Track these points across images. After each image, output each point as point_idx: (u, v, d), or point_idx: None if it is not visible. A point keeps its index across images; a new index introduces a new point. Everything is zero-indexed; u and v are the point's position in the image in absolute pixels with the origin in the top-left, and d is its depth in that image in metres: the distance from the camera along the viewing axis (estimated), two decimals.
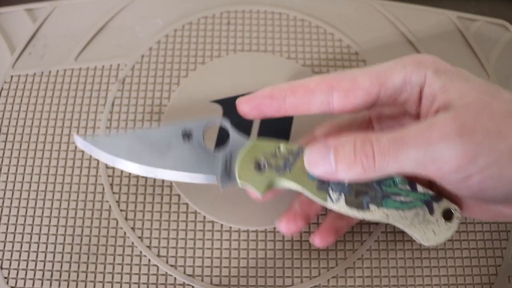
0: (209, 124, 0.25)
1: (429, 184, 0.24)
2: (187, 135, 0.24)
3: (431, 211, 0.23)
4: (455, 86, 0.21)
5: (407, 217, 0.23)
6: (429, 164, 0.20)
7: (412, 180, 0.23)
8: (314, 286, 0.28)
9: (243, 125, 0.31)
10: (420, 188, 0.23)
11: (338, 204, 0.23)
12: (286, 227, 0.25)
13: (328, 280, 0.28)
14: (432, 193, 0.23)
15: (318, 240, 0.26)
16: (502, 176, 0.20)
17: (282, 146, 0.23)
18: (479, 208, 0.24)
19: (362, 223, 0.29)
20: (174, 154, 0.24)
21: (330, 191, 0.23)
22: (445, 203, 0.23)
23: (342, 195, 0.23)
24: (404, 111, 0.25)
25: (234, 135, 0.24)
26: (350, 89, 0.23)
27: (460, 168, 0.20)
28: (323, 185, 0.23)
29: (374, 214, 0.23)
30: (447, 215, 0.23)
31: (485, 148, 0.19)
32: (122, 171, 0.30)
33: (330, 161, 0.21)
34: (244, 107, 0.24)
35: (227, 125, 0.25)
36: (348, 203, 0.23)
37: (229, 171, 0.24)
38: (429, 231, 0.23)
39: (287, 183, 0.23)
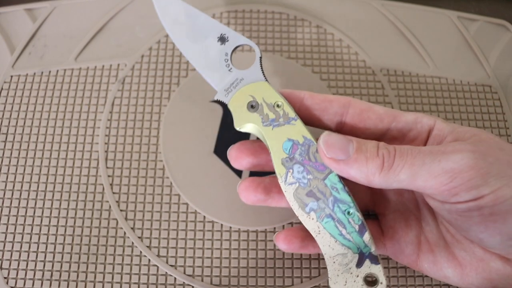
0: (244, 44, 0.25)
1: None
2: (222, 39, 0.25)
3: (359, 265, 0.22)
4: (465, 130, 0.22)
5: (333, 249, 0.22)
6: (441, 176, 0.20)
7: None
8: (314, 286, 0.28)
9: None
10: (366, 237, 0.22)
11: (286, 188, 0.22)
12: (245, 193, 0.25)
13: (328, 280, 0.28)
14: (373, 251, 0.22)
15: (281, 241, 0.25)
16: None
17: (284, 105, 0.23)
18: (470, 257, 0.24)
19: None
20: (203, 46, 0.25)
21: (290, 172, 0.22)
22: (377, 270, 0.22)
23: (297, 184, 0.22)
24: None
25: (256, 67, 0.24)
26: (365, 109, 0.24)
27: (472, 182, 0.20)
28: (289, 163, 0.22)
29: (309, 222, 0.22)
30: (370, 282, 0.22)
31: (496, 170, 0.20)
32: (122, 172, 0.30)
33: (348, 149, 0.21)
34: None
35: (258, 57, 0.24)
36: (295, 194, 0.22)
37: (228, 92, 0.24)
38: (342, 278, 0.22)
39: (260, 136, 0.23)
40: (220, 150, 0.31)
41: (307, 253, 0.26)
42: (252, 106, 0.23)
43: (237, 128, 0.24)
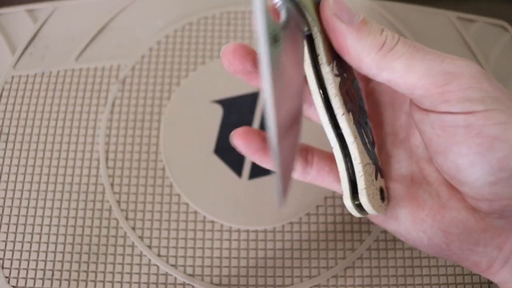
0: None
1: None
2: None
3: (376, 177, 0.21)
4: None
5: (364, 157, 0.20)
6: (438, 76, 0.18)
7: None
8: (314, 286, 0.28)
9: (243, 123, 0.31)
10: (376, 150, 0.21)
11: (333, 79, 0.20)
12: (231, 56, 0.21)
13: (328, 279, 0.28)
14: (380, 165, 0.21)
15: (240, 138, 0.22)
16: (508, 130, 0.18)
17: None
18: (432, 201, 0.21)
19: (361, 222, 0.29)
20: None
21: (335, 63, 0.20)
22: (383, 184, 0.21)
23: (339, 78, 0.20)
24: None
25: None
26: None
27: (468, 92, 0.18)
28: (334, 52, 0.20)
29: (349, 122, 0.20)
30: (381, 196, 0.21)
31: (497, 93, 0.18)
32: (122, 172, 0.30)
33: (354, 16, 0.19)
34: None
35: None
36: (341, 88, 0.20)
37: None
38: (371, 190, 0.20)
39: (310, 10, 0.20)
40: (220, 150, 0.31)
41: (262, 163, 0.22)
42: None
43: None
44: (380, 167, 0.21)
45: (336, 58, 0.20)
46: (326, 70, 0.20)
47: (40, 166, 0.31)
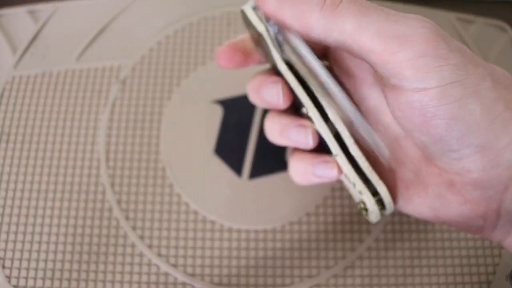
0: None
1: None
2: None
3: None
4: None
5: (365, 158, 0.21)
6: (389, 39, 0.17)
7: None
8: (314, 285, 0.28)
9: (243, 123, 0.32)
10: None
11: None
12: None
13: (328, 279, 0.28)
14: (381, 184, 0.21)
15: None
16: (463, 107, 0.17)
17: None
18: (414, 178, 0.20)
19: (361, 222, 0.29)
20: None
21: None
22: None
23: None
24: None
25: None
26: None
27: (422, 61, 0.16)
28: None
29: (340, 124, 0.21)
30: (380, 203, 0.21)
31: (456, 60, 0.17)
32: (122, 172, 0.31)
33: None
34: None
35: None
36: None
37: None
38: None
39: None
40: (220, 150, 0.31)
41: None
42: None
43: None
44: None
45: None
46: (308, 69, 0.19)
47: (40, 166, 0.31)
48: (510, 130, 0.17)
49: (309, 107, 0.21)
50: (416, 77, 0.16)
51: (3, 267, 0.28)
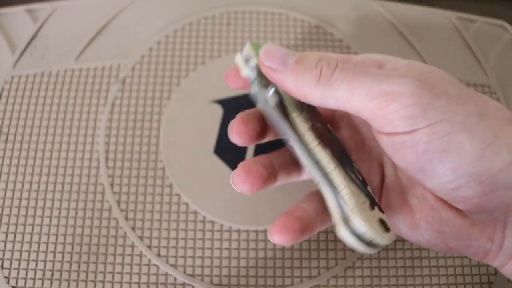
0: None
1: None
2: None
3: (372, 207, 0.20)
4: (422, 65, 0.21)
5: (347, 183, 0.20)
6: (378, 98, 0.19)
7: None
8: (314, 286, 0.28)
9: None
10: (369, 188, 0.21)
11: (301, 123, 0.21)
12: (243, 184, 0.22)
13: (328, 279, 0.28)
14: (377, 201, 0.21)
15: (276, 235, 0.21)
16: (452, 141, 0.18)
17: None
18: (421, 204, 0.21)
19: None
20: None
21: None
22: (385, 216, 0.20)
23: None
24: None
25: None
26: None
27: (410, 110, 0.18)
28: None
29: (320, 152, 0.21)
30: (384, 226, 0.20)
31: (441, 103, 0.18)
32: (122, 172, 0.30)
33: (287, 60, 0.21)
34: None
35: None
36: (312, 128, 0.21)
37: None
38: (363, 213, 0.20)
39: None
40: (220, 150, 0.31)
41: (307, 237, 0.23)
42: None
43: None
44: (377, 203, 0.21)
45: (306, 109, 0.22)
46: (293, 115, 0.21)
47: (39, 166, 0.31)
48: (502, 156, 0.18)
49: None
50: (406, 123, 0.18)
51: (2, 267, 0.28)
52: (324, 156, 0.21)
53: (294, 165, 0.24)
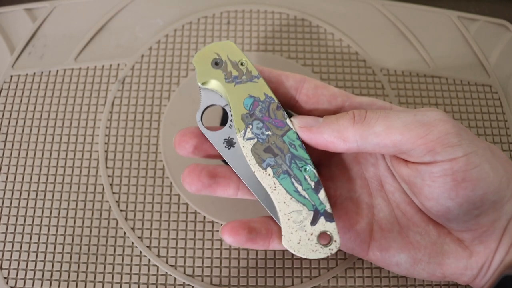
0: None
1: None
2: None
3: (313, 223, 0.22)
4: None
5: (288, 206, 0.22)
6: (417, 128, 0.20)
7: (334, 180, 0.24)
8: (314, 286, 0.28)
9: None
10: (322, 195, 0.22)
11: (245, 143, 0.23)
12: (189, 178, 0.24)
13: (328, 280, 0.28)
14: (328, 209, 0.22)
15: (227, 232, 0.23)
16: (482, 171, 0.20)
17: (247, 63, 0.24)
18: (424, 240, 0.23)
19: None
20: None
21: (249, 128, 0.23)
22: (331, 228, 0.22)
23: (255, 140, 0.23)
24: None
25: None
26: (319, 86, 0.24)
27: (448, 138, 0.20)
28: (248, 119, 0.23)
29: (265, 178, 0.22)
30: (325, 239, 0.22)
31: (466, 135, 0.21)
32: (122, 172, 0.30)
33: (318, 120, 0.22)
34: None
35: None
36: (253, 149, 0.23)
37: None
38: (296, 235, 0.22)
39: (223, 94, 0.24)
40: None
41: (255, 248, 0.24)
42: (216, 63, 0.24)
43: (200, 84, 0.24)
44: (327, 211, 0.22)
45: (253, 120, 0.23)
46: (237, 137, 0.23)
47: (39, 166, 0.31)
48: (511, 186, 0.21)
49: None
50: (446, 151, 0.20)
51: (1, 268, 0.28)
52: (262, 180, 0.23)
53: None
